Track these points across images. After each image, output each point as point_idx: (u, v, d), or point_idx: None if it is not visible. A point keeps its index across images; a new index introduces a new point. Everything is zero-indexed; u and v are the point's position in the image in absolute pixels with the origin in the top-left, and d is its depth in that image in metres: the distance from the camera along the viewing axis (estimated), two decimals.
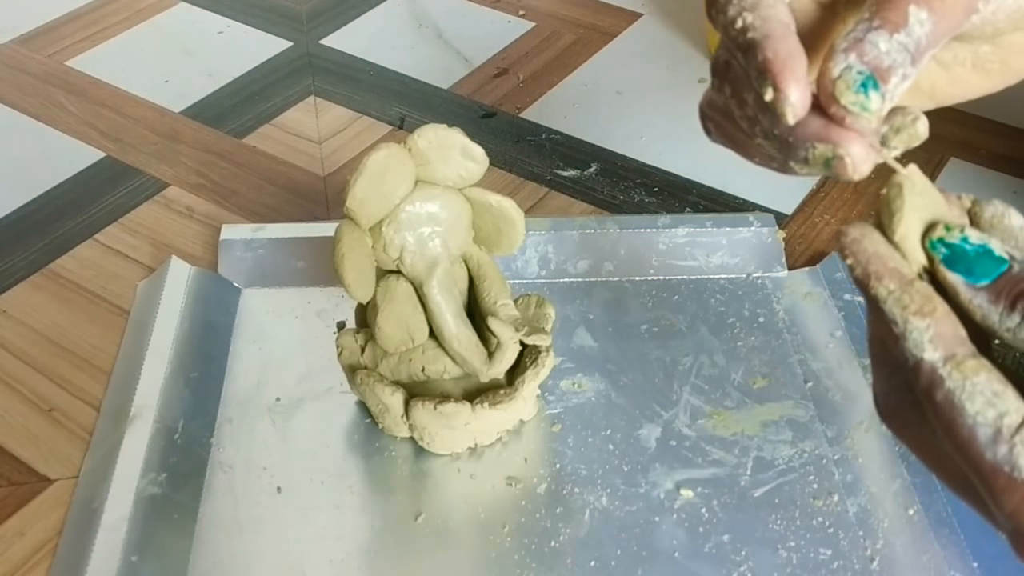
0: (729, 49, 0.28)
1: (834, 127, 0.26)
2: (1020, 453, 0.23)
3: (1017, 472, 0.23)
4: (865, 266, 0.26)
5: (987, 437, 0.24)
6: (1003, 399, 0.24)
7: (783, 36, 0.27)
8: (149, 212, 0.67)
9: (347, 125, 0.76)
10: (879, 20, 0.26)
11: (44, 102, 0.78)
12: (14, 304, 0.61)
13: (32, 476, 0.51)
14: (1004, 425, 0.23)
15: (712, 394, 0.53)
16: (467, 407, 0.48)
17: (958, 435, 0.24)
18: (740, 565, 0.46)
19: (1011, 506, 0.24)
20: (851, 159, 0.26)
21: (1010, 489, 0.23)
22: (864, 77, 0.26)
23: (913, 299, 0.25)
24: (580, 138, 0.73)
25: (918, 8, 0.27)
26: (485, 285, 0.50)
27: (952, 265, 0.26)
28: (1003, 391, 0.24)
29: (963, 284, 0.26)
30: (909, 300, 0.25)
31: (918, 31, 0.27)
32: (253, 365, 0.55)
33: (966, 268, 0.26)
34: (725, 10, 0.28)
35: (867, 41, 0.26)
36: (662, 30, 0.86)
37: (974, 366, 0.24)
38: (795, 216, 0.66)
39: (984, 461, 0.24)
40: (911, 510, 0.47)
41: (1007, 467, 0.23)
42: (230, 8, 0.91)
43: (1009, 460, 0.23)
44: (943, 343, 0.25)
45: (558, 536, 0.47)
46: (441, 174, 0.47)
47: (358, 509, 0.48)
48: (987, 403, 0.24)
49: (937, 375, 0.24)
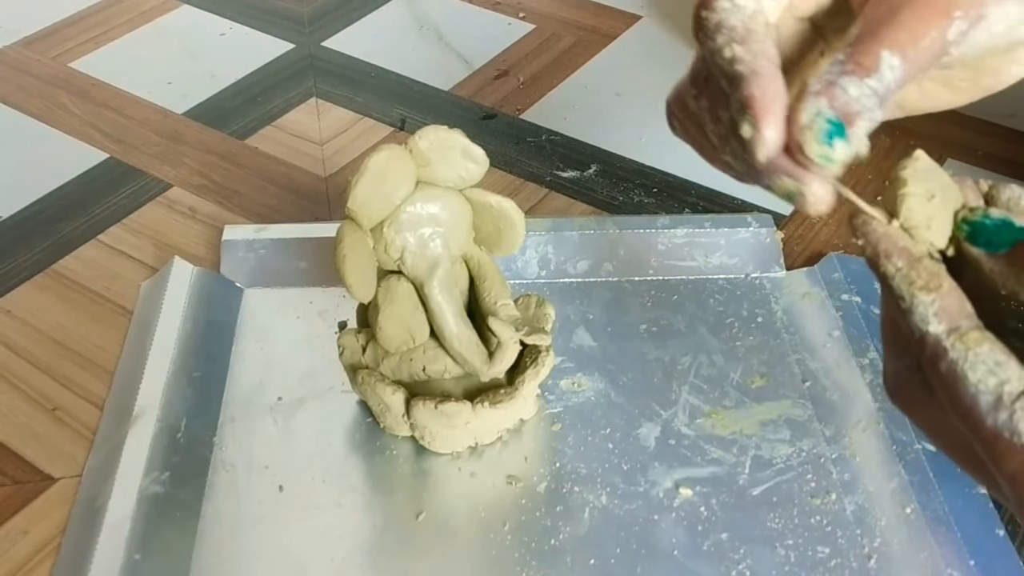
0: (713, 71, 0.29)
1: (799, 168, 0.27)
2: (1020, 419, 0.24)
3: (1017, 437, 0.24)
4: (875, 245, 0.27)
5: (988, 404, 0.24)
6: (1005, 368, 0.25)
7: (771, 76, 0.27)
8: (152, 213, 0.68)
9: (348, 126, 0.76)
10: (852, 65, 0.27)
11: (48, 104, 0.79)
12: (18, 304, 0.61)
13: (36, 475, 0.51)
14: (1005, 392, 0.24)
15: (711, 393, 0.54)
16: (468, 406, 0.49)
17: (961, 403, 0.25)
18: (739, 563, 0.46)
19: (1011, 470, 0.24)
20: (813, 198, 0.27)
21: (1010, 453, 0.24)
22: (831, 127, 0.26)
23: (920, 275, 0.26)
24: (580, 139, 0.74)
25: (891, 54, 0.27)
26: (485, 285, 0.50)
27: (974, 240, 0.28)
28: (1005, 361, 0.25)
29: (984, 255, 0.27)
30: (916, 276, 0.26)
31: (888, 76, 0.27)
32: (255, 365, 0.56)
33: (986, 240, 0.28)
34: (714, 37, 0.28)
35: (838, 86, 0.27)
36: (661, 32, 0.87)
37: (977, 337, 0.25)
38: (793, 217, 0.66)
39: (985, 427, 0.25)
40: (908, 508, 0.47)
41: (1007, 432, 0.24)
42: (232, 10, 0.91)
43: (1009, 425, 0.24)
44: (947, 316, 0.26)
45: (558, 534, 0.47)
46: (442, 175, 0.48)
47: (359, 507, 0.49)
48: (988, 372, 0.25)
49: (941, 347, 0.26)
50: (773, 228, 0.62)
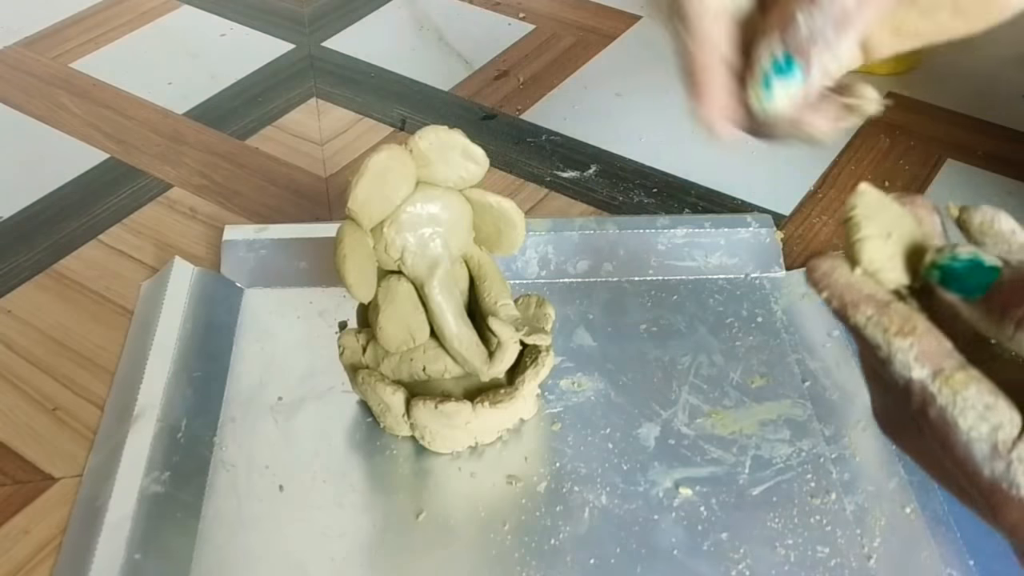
0: None
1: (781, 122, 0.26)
2: (1018, 470, 0.23)
3: (1016, 489, 0.23)
4: (840, 297, 0.26)
5: (983, 454, 0.23)
6: (995, 411, 0.23)
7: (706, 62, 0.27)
8: (152, 213, 0.68)
9: (349, 127, 0.76)
10: None
11: (48, 104, 0.79)
12: (19, 304, 0.61)
13: (36, 475, 0.51)
14: (999, 440, 0.23)
15: (711, 393, 0.54)
16: (468, 406, 0.49)
17: (954, 452, 0.24)
18: (738, 563, 0.46)
19: (1011, 521, 0.23)
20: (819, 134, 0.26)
21: (1009, 505, 0.23)
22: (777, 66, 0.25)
23: (893, 321, 0.25)
24: (580, 139, 0.74)
25: None
26: (485, 285, 0.50)
27: (947, 285, 0.26)
28: (994, 403, 0.24)
29: (960, 302, 0.26)
30: (889, 322, 0.25)
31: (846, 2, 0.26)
32: (255, 365, 0.56)
33: (959, 286, 0.26)
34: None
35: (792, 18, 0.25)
36: (661, 32, 0.87)
37: (963, 379, 0.24)
38: (793, 217, 0.66)
39: (982, 478, 0.23)
40: (908, 508, 0.47)
41: (1005, 484, 0.23)
42: (232, 11, 0.91)
43: (1007, 477, 0.23)
44: (929, 359, 0.24)
45: (558, 534, 0.47)
46: (442, 175, 0.48)
47: (360, 507, 0.49)
48: (979, 417, 0.23)
49: (928, 392, 0.24)
50: (773, 228, 0.62)
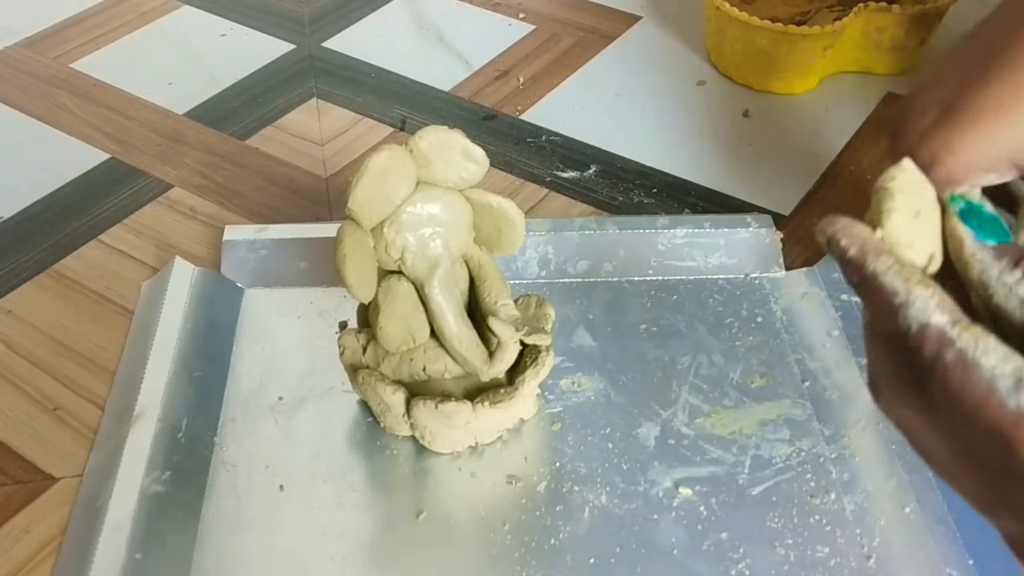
0: None
1: None
2: None
3: None
4: (861, 246, 0.27)
5: (1008, 387, 0.24)
6: (1015, 357, 0.24)
7: None
8: (153, 213, 0.68)
9: (349, 127, 0.76)
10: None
11: (48, 104, 0.79)
12: (19, 304, 0.61)
13: (37, 474, 0.51)
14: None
15: (710, 393, 0.54)
16: (468, 406, 0.49)
17: (974, 391, 0.24)
18: (738, 562, 0.46)
19: None
20: None
21: None
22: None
23: (914, 272, 0.26)
24: (580, 140, 0.74)
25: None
26: (486, 285, 0.50)
27: (966, 219, 0.27)
28: (1011, 353, 0.24)
29: (971, 237, 0.27)
30: (910, 273, 0.26)
31: None
32: (256, 364, 0.56)
33: (978, 224, 0.27)
34: None
35: None
36: (661, 33, 0.87)
37: (982, 330, 0.25)
38: (792, 217, 0.66)
39: (1006, 411, 0.24)
40: (907, 508, 0.47)
41: None
42: (233, 11, 0.92)
43: None
44: (948, 310, 0.25)
45: (558, 534, 0.47)
46: (442, 175, 0.48)
47: (360, 507, 0.49)
48: (1002, 359, 0.24)
49: (947, 336, 0.25)
50: (773, 228, 0.62)
